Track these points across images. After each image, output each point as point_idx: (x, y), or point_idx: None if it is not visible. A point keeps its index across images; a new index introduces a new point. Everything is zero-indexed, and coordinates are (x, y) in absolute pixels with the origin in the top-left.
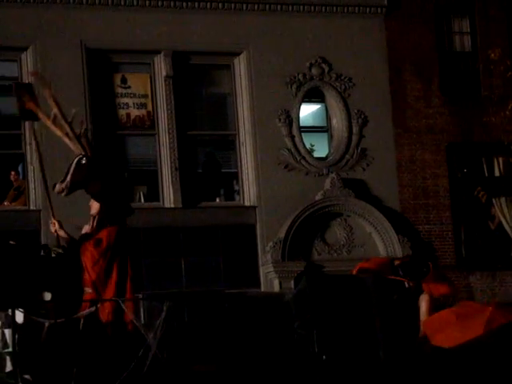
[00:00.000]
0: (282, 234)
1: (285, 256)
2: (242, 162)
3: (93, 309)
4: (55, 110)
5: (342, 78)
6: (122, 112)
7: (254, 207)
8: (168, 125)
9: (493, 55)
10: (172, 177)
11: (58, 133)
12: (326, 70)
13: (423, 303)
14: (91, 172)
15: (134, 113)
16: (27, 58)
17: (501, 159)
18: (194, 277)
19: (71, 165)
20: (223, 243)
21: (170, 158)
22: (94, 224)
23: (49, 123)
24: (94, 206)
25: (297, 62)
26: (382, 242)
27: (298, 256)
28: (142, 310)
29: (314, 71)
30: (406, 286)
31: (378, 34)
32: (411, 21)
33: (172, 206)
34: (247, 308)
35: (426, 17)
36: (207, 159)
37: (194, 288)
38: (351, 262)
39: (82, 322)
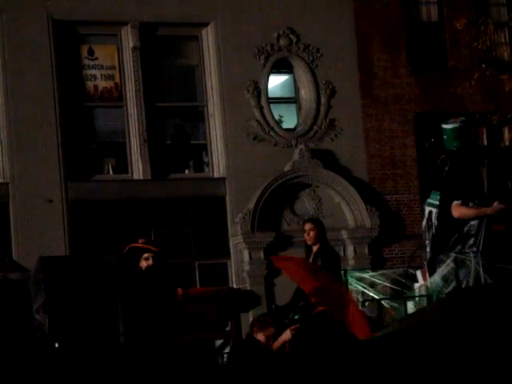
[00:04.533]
0: (251, 205)
1: (254, 227)
2: (211, 134)
3: None
4: None
5: (310, 48)
6: (90, 84)
7: (223, 179)
8: (136, 96)
9: (458, 25)
10: (140, 149)
11: None
12: (294, 40)
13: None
14: None
15: (102, 84)
16: None
17: None
18: (164, 249)
19: None
20: (193, 215)
21: (139, 129)
22: None
23: None
24: None
25: (265, 33)
26: (351, 211)
27: (267, 227)
28: None
29: (282, 42)
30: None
31: (346, 4)
32: None
33: (141, 178)
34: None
35: None
36: (176, 131)
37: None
38: None
39: None
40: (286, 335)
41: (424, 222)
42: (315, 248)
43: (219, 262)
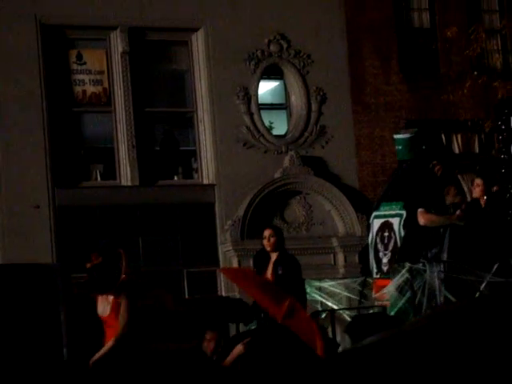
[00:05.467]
0: (240, 213)
1: (244, 234)
2: (201, 140)
3: None
4: None
5: (301, 54)
6: (78, 89)
7: (212, 185)
8: (125, 102)
9: (449, 34)
10: (129, 154)
11: None
12: (285, 46)
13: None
14: None
15: (90, 89)
16: None
17: (459, 136)
18: (152, 256)
19: None
20: (181, 222)
21: (127, 135)
22: None
23: None
24: None
25: (255, 39)
26: (341, 219)
27: (257, 234)
28: None
29: (273, 48)
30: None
31: (337, 10)
32: None
33: (129, 184)
34: None
35: None
36: (165, 137)
37: (152, 268)
38: (310, 239)
39: None
40: (239, 349)
41: (372, 235)
42: (274, 256)
43: (208, 269)
